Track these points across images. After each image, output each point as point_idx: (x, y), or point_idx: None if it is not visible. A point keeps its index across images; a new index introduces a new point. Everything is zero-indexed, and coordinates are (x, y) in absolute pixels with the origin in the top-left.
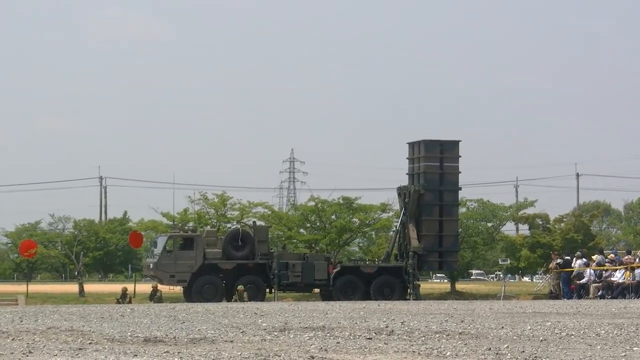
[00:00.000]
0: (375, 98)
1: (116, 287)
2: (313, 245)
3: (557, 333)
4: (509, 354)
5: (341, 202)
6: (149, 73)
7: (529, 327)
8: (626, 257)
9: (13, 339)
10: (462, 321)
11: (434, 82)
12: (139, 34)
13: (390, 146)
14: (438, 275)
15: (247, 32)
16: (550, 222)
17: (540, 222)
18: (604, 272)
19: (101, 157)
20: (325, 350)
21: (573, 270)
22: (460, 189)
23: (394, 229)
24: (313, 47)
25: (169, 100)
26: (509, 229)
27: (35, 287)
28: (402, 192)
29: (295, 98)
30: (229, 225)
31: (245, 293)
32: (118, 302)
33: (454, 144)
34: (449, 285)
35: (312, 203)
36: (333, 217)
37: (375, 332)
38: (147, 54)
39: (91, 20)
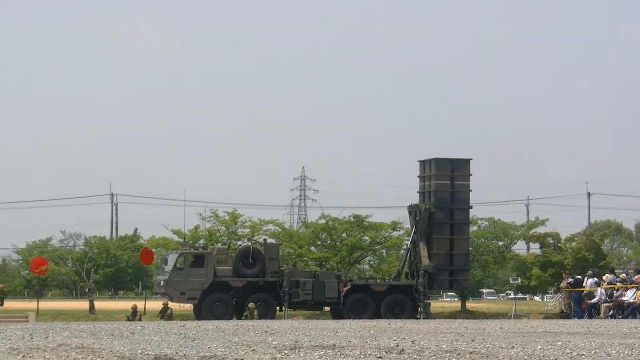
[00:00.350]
0: (386, 115)
1: (126, 304)
2: (324, 263)
3: (567, 353)
4: None
5: (352, 220)
6: (159, 89)
7: (539, 347)
8: (636, 277)
9: (23, 356)
10: (472, 340)
11: (445, 101)
12: (150, 50)
13: (401, 164)
14: (448, 294)
15: (258, 50)
16: (562, 241)
17: (552, 241)
18: (614, 291)
19: (112, 173)
20: None
21: (584, 290)
22: (471, 207)
23: (405, 247)
24: (323, 64)
25: (180, 117)
26: (519, 247)
27: (45, 304)
28: (413, 210)
29: (307, 116)
30: (239, 242)
31: (256, 311)
32: (128, 320)
33: (465, 162)
34: (459, 304)
35: (322, 221)
36: (344, 235)
37: (385, 351)
38: (159, 70)
39: (103, 36)
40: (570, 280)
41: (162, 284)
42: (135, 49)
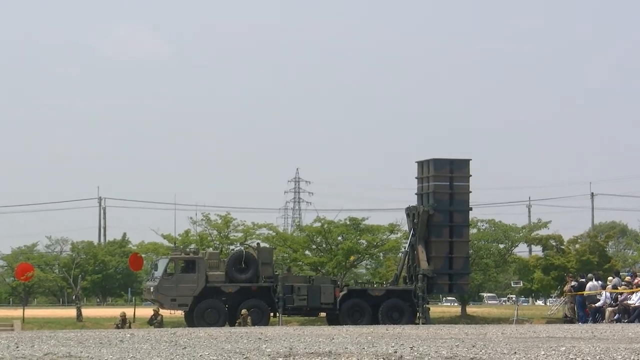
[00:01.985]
0: (383, 115)
1: (115, 312)
2: (319, 268)
3: (572, 358)
4: None
5: (348, 222)
6: (150, 91)
7: (542, 353)
8: (637, 280)
9: None
10: (473, 346)
11: (443, 99)
12: (141, 53)
13: (398, 165)
14: (448, 298)
15: (249, 48)
16: (565, 244)
17: (554, 244)
18: (619, 295)
19: (100, 177)
20: None
21: (588, 293)
22: (471, 209)
23: (403, 250)
24: (318, 62)
25: (171, 118)
26: (521, 250)
27: (31, 312)
28: (410, 212)
29: (301, 115)
30: (232, 247)
31: (249, 317)
32: (117, 327)
33: (465, 163)
34: (459, 309)
35: (318, 224)
36: (340, 238)
37: (383, 358)
38: (148, 73)
39: (95, 39)
40: (574, 283)
41: (152, 290)
42: (125, 52)
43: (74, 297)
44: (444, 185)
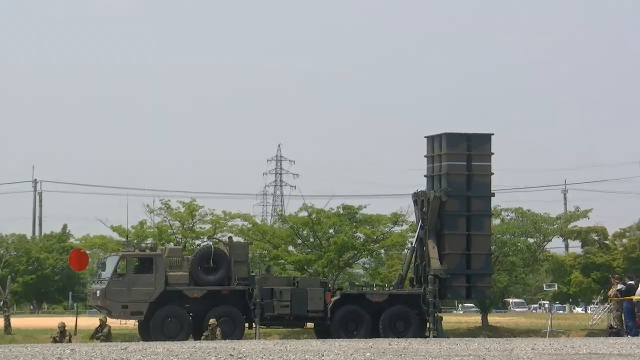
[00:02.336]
0: (385, 81)
1: (52, 322)
2: (305, 267)
3: None
4: None
5: (341, 212)
6: (101, 54)
7: None
8: None
9: None
10: None
11: (459, 64)
12: (99, 11)
13: (403, 141)
14: (466, 304)
15: (227, 16)
16: (609, 238)
17: (596, 238)
18: None
19: (36, 156)
20: None
21: (638, 299)
22: (494, 195)
23: (409, 246)
24: (309, 30)
25: (124, 87)
26: (556, 246)
27: None
28: (419, 199)
29: (284, 84)
30: (198, 242)
31: (219, 329)
32: (55, 341)
33: (485, 138)
34: (479, 318)
35: (304, 213)
36: (331, 231)
37: None
38: (98, 30)
39: None
40: (620, 286)
41: (98, 295)
42: (77, 11)
43: (1, 303)
44: (460, 165)
